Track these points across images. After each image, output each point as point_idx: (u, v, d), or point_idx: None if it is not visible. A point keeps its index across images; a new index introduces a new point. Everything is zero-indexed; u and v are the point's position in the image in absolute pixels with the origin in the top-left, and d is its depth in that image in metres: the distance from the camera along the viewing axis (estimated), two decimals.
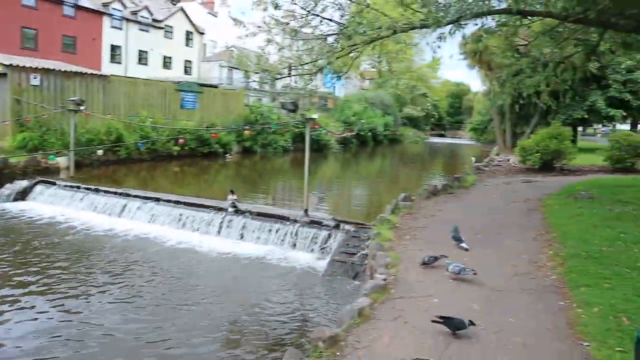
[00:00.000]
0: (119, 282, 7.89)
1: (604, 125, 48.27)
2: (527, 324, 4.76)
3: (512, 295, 5.51)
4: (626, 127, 43.60)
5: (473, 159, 22.74)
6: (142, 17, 43.09)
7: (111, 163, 19.66)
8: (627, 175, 16.47)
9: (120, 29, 41.03)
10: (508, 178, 16.48)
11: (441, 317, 4.57)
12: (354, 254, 8.56)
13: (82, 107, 16.51)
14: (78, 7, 37.25)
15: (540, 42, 13.42)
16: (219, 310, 6.95)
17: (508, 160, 22.59)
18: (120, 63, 41.00)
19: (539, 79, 13.72)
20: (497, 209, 10.60)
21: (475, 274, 5.98)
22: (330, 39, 12.44)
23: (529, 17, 12.23)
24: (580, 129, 37.37)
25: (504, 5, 10.90)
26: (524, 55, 16.45)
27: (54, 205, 12.87)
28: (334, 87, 56.41)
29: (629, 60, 22.35)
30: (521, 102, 26.24)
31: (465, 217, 9.53)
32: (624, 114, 27.46)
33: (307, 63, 12.26)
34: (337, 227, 9.73)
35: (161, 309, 6.90)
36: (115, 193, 12.65)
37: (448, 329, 4.52)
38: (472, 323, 4.51)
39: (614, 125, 45.16)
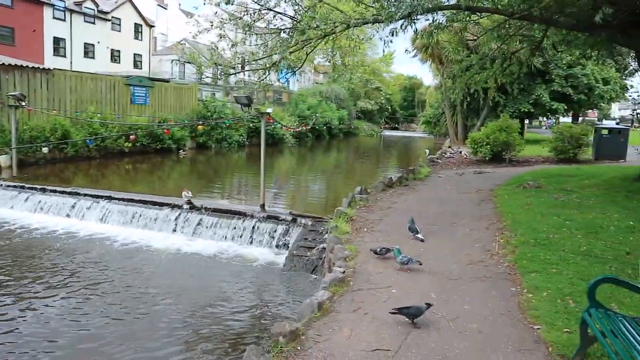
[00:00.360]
0: (67, 286, 7.54)
1: (548, 118, 50.38)
2: (482, 311, 4.91)
3: (467, 283, 5.67)
4: (568, 119, 45.70)
5: (427, 151, 23.21)
6: (86, 8, 41.27)
7: (58, 161, 18.86)
8: (570, 165, 17.28)
9: (63, 20, 39.11)
10: (460, 169, 16.95)
11: (398, 308, 4.65)
12: (312, 248, 8.58)
13: (23, 103, 15.71)
14: None
15: (488, 39, 13.85)
16: (175, 311, 6.76)
17: (460, 152, 23.22)
18: (64, 56, 39.16)
19: (487, 75, 14.16)
20: (450, 200, 10.87)
21: (420, 264, 6.12)
22: (284, 34, 12.37)
23: (478, 14, 12.59)
24: (527, 121, 38.85)
25: (453, 2, 11.16)
26: (473, 52, 16.94)
27: None
28: (288, 81, 56.18)
29: (570, 56, 23.40)
30: (471, 96, 27.07)
31: (420, 208, 9.73)
32: (565, 107, 28.76)
33: (261, 58, 12.15)
34: (294, 221, 9.72)
35: (112, 313, 6.62)
36: (64, 192, 12.11)
37: (407, 319, 4.61)
38: (429, 305, 4.61)
39: (557, 118, 47.25)
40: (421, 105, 69.66)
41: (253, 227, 9.80)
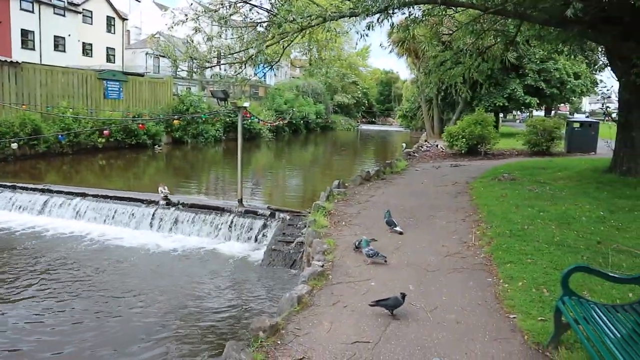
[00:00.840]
0: (36, 287, 7.32)
1: (522, 112, 51.26)
2: (460, 301, 4.98)
3: (444, 275, 5.74)
4: (541, 113, 46.57)
5: (404, 145, 23.40)
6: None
7: (29, 158, 18.38)
8: (543, 158, 17.63)
9: (31, 12, 37.90)
10: (437, 163, 17.13)
11: (377, 301, 4.68)
12: (291, 242, 8.57)
13: None
14: None
15: (463, 33, 14.00)
16: (152, 309, 6.66)
17: (436, 145, 23.45)
18: (33, 49, 38.00)
19: (462, 70, 14.32)
20: (428, 193, 10.98)
21: (385, 261, 6.12)
22: (260, 28, 12.27)
23: (453, 8, 12.71)
24: (501, 115, 39.44)
25: None
26: (448, 47, 17.11)
27: None
28: (265, 75, 55.81)
29: (542, 51, 23.84)
30: (445, 90, 27.38)
31: (398, 201, 9.81)
32: (538, 101, 29.31)
33: (237, 52, 12.04)
34: (272, 216, 9.69)
35: (87, 314, 6.43)
36: (35, 189, 11.81)
37: (386, 310, 4.64)
38: (403, 295, 4.65)
39: (531, 112, 48.11)
40: (398, 99, 70.05)
41: (231, 222, 9.74)
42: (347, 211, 8.89)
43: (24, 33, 37.54)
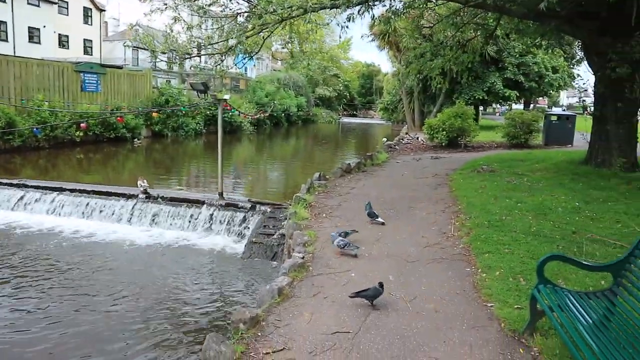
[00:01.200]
0: (12, 285, 7.17)
1: (501, 105, 51.85)
2: (438, 291, 5.04)
3: (424, 265, 5.80)
4: (520, 106, 47.21)
5: (384, 139, 23.49)
6: None
7: (3, 152, 17.96)
8: (521, 150, 17.90)
9: (3, 1, 36.85)
10: (417, 155, 17.25)
11: (357, 292, 4.71)
12: (272, 234, 8.57)
13: None
14: None
15: (443, 26, 14.08)
16: (131, 303, 6.59)
17: (417, 138, 23.60)
18: (6, 41, 36.96)
19: (442, 62, 14.42)
20: (408, 185, 11.06)
21: (356, 255, 6.12)
22: (240, 18, 12.16)
23: (434, 1, 12.77)
24: (481, 108, 39.88)
25: None
26: (427, 39, 17.18)
27: None
28: (246, 68, 55.45)
29: (521, 44, 24.13)
30: (425, 83, 27.55)
31: (378, 193, 9.86)
32: (517, 94, 29.69)
33: (217, 42, 11.92)
34: (253, 208, 9.66)
35: (63, 312, 6.28)
36: (10, 184, 11.55)
37: (366, 301, 4.68)
38: (381, 285, 4.68)
39: (510, 105, 48.72)
40: (379, 92, 70.24)
41: (211, 216, 9.69)
42: (327, 203, 8.92)
43: None
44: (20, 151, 18.52)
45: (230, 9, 12.17)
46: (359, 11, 10.95)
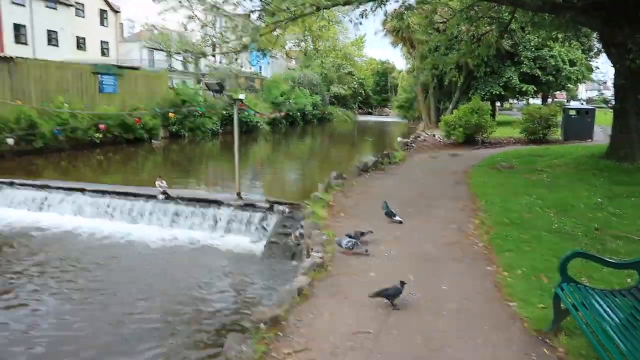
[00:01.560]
0: (33, 284, 7.29)
1: (518, 100, 51.23)
2: (459, 290, 5.01)
3: (444, 264, 5.77)
4: (538, 101, 46.57)
5: (400, 137, 23.40)
6: None
7: (26, 153, 18.24)
8: (540, 146, 17.67)
9: (23, 5, 37.48)
10: (434, 152, 17.14)
11: (377, 292, 4.69)
12: (290, 234, 8.58)
13: None
14: None
15: (457, 20, 13.95)
16: (152, 303, 6.64)
17: (434, 135, 23.44)
18: (26, 44, 37.64)
19: (456, 56, 14.30)
20: (426, 183, 11.00)
21: (367, 252, 6.10)
22: (253, 16, 12.20)
23: None
24: (498, 103, 39.44)
25: None
26: (441, 33, 17.04)
27: None
28: (260, 67, 55.64)
29: (537, 37, 23.78)
30: (440, 79, 27.32)
31: (396, 191, 9.82)
32: (535, 89, 29.27)
33: (231, 41, 11.97)
34: (271, 208, 9.68)
35: (85, 311, 6.37)
36: (34, 186, 11.75)
37: (387, 300, 4.67)
38: (403, 283, 4.66)
39: (527, 100, 48.09)
40: (394, 89, 69.85)
41: (230, 216, 9.74)
42: (345, 202, 8.91)
43: (17, 27, 37.17)
44: (42, 153, 18.81)
45: (244, 7, 12.22)
46: (371, 8, 10.91)
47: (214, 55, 12.58)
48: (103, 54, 45.30)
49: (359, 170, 11.95)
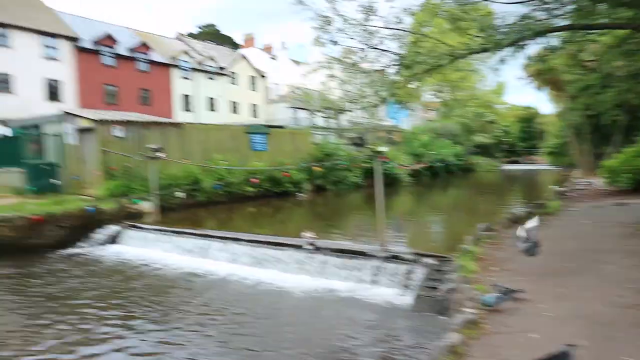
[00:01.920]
0: (186, 324, 7.93)
1: None
2: None
3: (623, 330, 5.04)
4: None
5: (554, 186, 21.61)
6: (208, 66, 45.78)
7: (191, 206, 20.41)
8: None
9: (189, 79, 43.68)
10: (596, 202, 15.46)
11: (541, 358, 4.18)
12: (438, 288, 8.26)
13: (161, 154, 17.46)
14: (151, 62, 40.29)
15: (610, 57, 12.79)
16: (299, 350, 6.77)
17: (591, 183, 21.28)
18: (191, 111, 43.39)
19: (613, 94, 13.03)
20: (589, 235, 9.92)
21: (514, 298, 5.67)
22: (390, 70, 12.45)
23: (597, 31, 11.69)
24: None
25: (567, 22, 10.47)
26: (592, 71, 15.67)
27: (142, 248, 13.64)
28: (399, 120, 56.34)
29: None
30: (591, 121, 25.01)
31: (554, 244, 8.97)
32: None
33: (369, 95, 12.31)
34: (417, 260, 9.46)
35: (232, 352, 6.77)
36: (198, 235, 13.12)
37: None
38: (572, 347, 4.09)
39: None
40: (539, 135, 65.52)
41: (375, 267, 9.71)
42: (496, 255, 8.38)
43: (184, 97, 43.30)
44: (204, 205, 20.90)
45: (380, 63, 12.52)
46: (511, 53, 10.49)
47: (352, 110, 13.07)
48: (253, 115, 49.93)
49: (509, 222, 11.23)
